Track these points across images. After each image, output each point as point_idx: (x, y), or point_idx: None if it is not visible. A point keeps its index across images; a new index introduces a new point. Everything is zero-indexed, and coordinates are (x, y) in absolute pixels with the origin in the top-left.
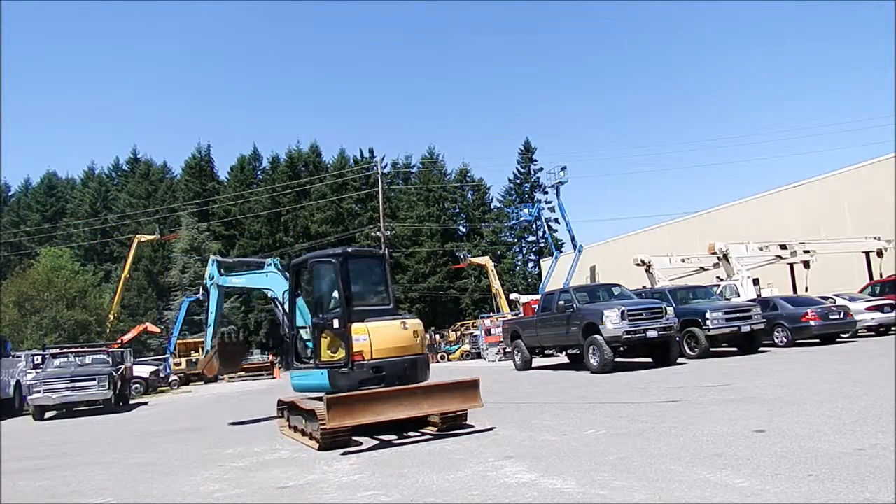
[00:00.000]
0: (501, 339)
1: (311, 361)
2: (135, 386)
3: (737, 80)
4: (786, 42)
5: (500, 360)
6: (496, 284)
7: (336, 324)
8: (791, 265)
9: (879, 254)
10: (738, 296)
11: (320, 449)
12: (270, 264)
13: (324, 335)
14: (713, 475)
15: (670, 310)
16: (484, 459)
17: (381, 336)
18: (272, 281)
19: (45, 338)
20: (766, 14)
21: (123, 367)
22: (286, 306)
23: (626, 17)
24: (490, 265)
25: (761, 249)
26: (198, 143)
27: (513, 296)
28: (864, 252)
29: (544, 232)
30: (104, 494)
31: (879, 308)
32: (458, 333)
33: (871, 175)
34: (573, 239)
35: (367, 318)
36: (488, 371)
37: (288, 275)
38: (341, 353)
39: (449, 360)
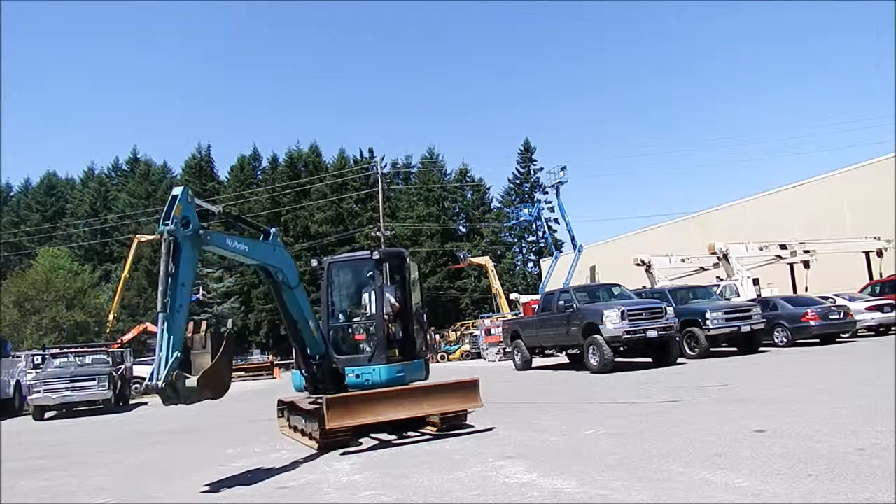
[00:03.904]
0: (501, 339)
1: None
2: (135, 386)
3: (737, 80)
4: (786, 42)
5: (500, 360)
6: (496, 284)
7: (424, 318)
8: (791, 265)
9: (879, 254)
10: (738, 296)
11: (320, 449)
12: (277, 235)
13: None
14: (713, 475)
15: (670, 310)
16: (484, 459)
17: None
18: (281, 257)
19: (44, 338)
20: (765, 14)
21: (123, 367)
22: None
23: (625, 17)
24: (490, 265)
25: (761, 249)
26: (198, 143)
27: (513, 296)
28: (864, 252)
29: (544, 232)
30: (104, 494)
31: (879, 308)
32: (458, 333)
33: (871, 175)
34: (573, 239)
35: None
36: (488, 371)
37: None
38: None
39: (449, 360)
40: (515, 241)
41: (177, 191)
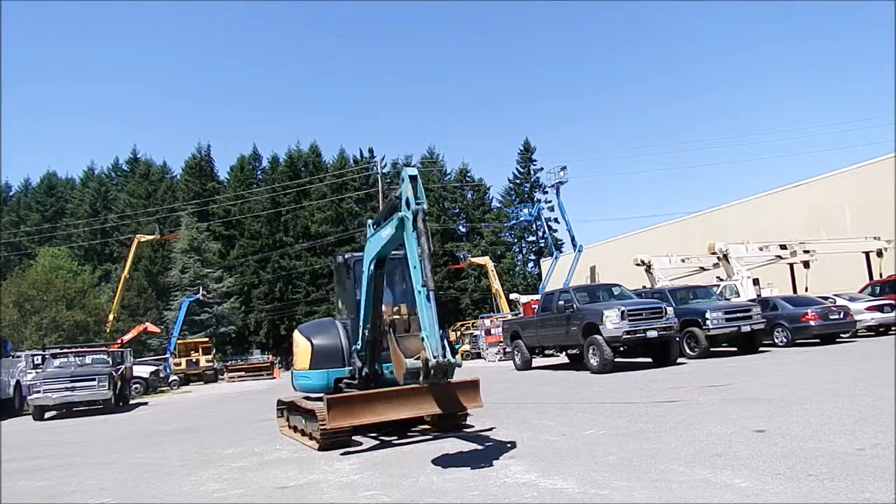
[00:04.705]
0: (501, 339)
1: None
2: (135, 386)
3: (737, 80)
4: (786, 42)
5: (500, 360)
6: (496, 284)
7: None
8: (791, 265)
9: (879, 254)
10: (738, 296)
11: (320, 449)
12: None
13: None
14: (713, 475)
15: (670, 310)
16: (484, 459)
17: None
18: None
19: (44, 338)
20: (766, 14)
21: (123, 367)
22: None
23: (625, 17)
24: (490, 265)
25: (761, 249)
26: (198, 143)
27: (513, 296)
28: (864, 252)
29: (544, 232)
30: (104, 494)
31: (879, 308)
32: (458, 333)
33: (871, 175)
34: (573, 239)
35: None
36: (488, 371)
37: None
38: None
39: None
40: (515, 241)
41: (414, 171)
